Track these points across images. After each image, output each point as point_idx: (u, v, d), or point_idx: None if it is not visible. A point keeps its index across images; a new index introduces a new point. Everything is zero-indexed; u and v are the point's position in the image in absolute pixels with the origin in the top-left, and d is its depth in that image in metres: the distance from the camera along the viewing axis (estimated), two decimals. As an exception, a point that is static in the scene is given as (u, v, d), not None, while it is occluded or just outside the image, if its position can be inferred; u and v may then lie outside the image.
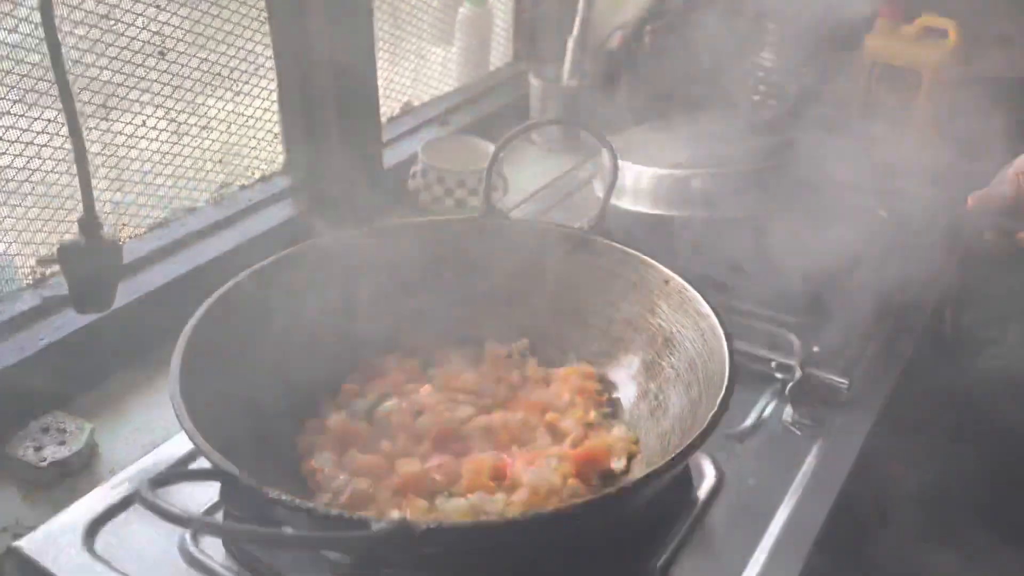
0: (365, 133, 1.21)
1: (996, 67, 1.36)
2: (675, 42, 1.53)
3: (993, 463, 1.10)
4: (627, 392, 0.81)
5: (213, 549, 0.68)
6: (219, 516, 0.70)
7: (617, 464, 0.74)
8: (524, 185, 1.32)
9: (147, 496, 0.39)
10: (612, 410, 0.81)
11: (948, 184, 1.06)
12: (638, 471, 0.73)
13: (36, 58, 0.86)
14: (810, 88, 1.44)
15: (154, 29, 0.97)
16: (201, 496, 0.72)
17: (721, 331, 0.71)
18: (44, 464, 0.80)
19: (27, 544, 0.69)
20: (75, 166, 0.76)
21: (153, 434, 0.86)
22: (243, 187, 1.15)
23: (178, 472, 0.45)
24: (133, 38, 0.95)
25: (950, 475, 1.15)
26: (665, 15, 1.46)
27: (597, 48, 1.49)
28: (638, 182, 1.04)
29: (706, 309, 0.75)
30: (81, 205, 0.78)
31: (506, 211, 0.90)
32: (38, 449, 0.81)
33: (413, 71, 1.41)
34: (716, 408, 0.63)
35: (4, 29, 0.84)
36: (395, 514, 0.62)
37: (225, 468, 0.51)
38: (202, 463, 0.75)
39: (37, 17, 0.77)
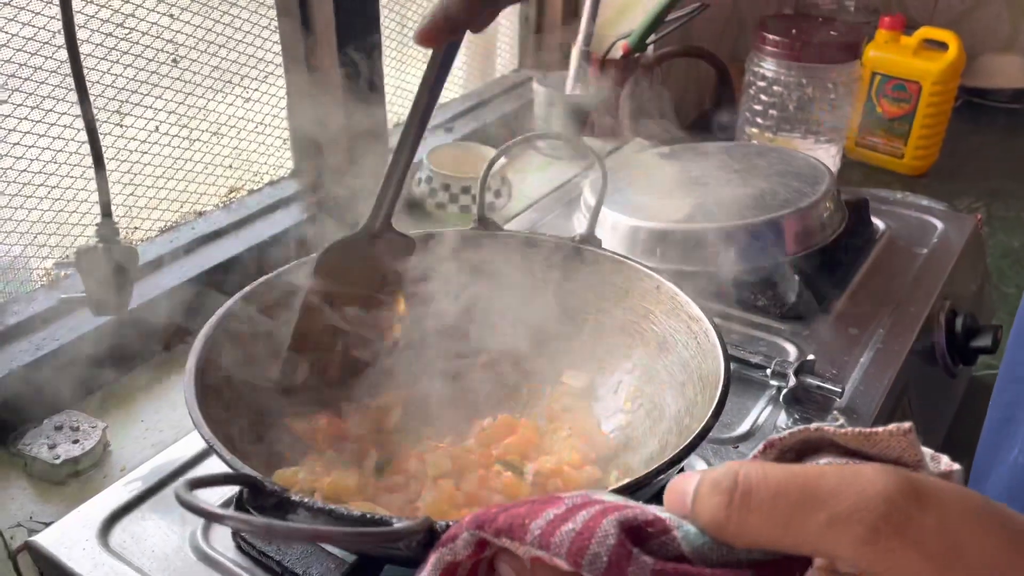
0: (372, 139, 1.23)
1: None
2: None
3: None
4: (623, 395, 0.82)
5: (223, 545, 0.70)
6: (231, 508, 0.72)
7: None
8: (529, 192, 1.34)
9: (185, 496, 0.42)
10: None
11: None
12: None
13: (53, 64, 0.89)
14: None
15: (167, 37, 0.99)
16: (214, 491, 0.75)
17: (714, 333, 0.72)
18: (58, 461, 0.82)
19: (43, 539, 0.71)
20: (91, 171, 0.78)
21: (162, 433, 0.89)
22: (252, 191, 1.18)
23: (209, 477, 0.48)
24: (147, 46, 0.97)
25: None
26: (670, 25, 1.48)
27: (601, 57, 1.51)
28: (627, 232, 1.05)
29: (698, 313, 0.76)
30: (95, 208, 0.80)
31: (501, 222, 0.90)
32: (52, 447, 0.83)
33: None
34: (714, 406, 0.64)
35: (22, 37, 0.86)
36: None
37: (249, 474, 0.54)
38: (212, 462, 0.78)
39: (56, 26, 0.79)
